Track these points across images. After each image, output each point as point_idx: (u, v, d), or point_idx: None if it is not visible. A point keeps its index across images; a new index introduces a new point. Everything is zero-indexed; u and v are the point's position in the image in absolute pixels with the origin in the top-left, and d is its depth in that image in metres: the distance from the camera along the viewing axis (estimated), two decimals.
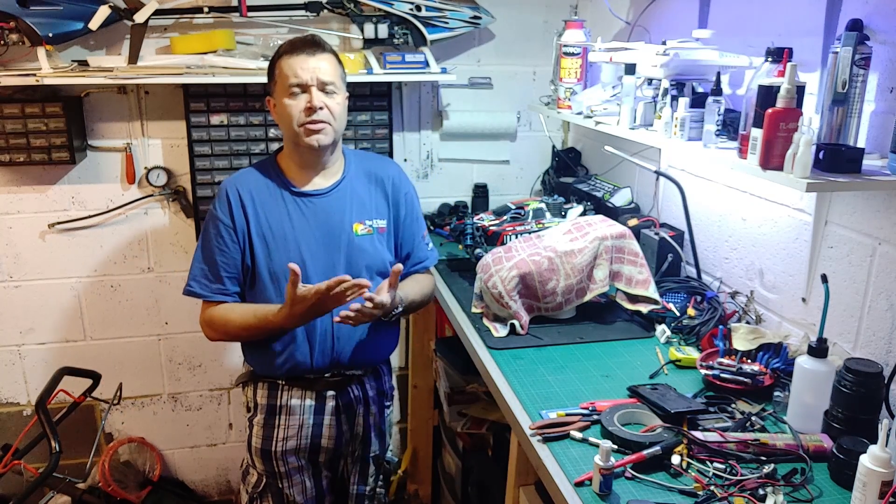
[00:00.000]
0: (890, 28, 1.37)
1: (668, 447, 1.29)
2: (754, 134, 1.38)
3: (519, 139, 2.83)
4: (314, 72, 1.68)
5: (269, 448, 1.81)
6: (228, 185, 1.78)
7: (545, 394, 1.55)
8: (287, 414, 1.81)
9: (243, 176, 1.81)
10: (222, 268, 1.74)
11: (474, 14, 2.49)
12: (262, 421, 1.82)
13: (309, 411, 1.82)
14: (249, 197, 1.76)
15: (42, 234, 2.52)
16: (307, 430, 1.82)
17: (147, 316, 2.68)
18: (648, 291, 1.85)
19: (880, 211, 1.43)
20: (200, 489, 2.93)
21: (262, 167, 1.82)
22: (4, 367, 2.63)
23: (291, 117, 1.69)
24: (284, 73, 1.69)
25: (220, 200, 1.77)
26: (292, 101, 1.69)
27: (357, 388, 1.87)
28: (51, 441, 2.06)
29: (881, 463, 1.08)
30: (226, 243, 1.74)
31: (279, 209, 1.76)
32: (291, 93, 1.69)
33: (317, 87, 1.69)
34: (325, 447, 1.85)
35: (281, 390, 1.81)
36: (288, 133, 1.74)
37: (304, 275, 1.69)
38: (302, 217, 1.77)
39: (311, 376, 1.80)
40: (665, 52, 1.69)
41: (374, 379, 1.92)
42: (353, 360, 1.81)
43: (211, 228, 1.76)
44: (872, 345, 1.46)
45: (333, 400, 1.84)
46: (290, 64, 1.69)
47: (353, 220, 1.79)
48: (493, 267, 1.86)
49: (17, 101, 2.29)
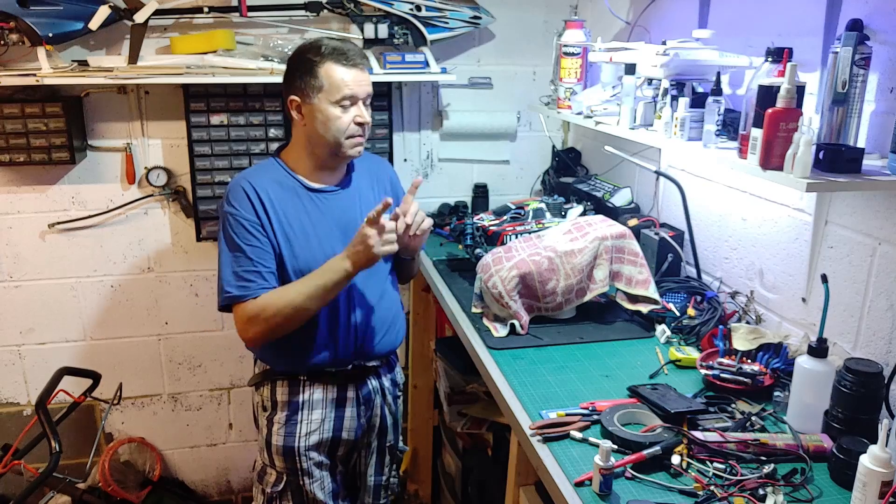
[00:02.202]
0: (890, 28, 1.37)
1: (668, 447, 1.29)
2: (754, 134, 1.38)
3: (519, 139, 2.83)
4: (365, 85, 1.69)
5: (293, 444, 1.80)
6: (243, 182, 1.72)
7: (545, 394, 1.55)
8: (310, 409, 1.81)
9: (255, 174, 1.75)
10: (259, 263, 1.67)
11: (474, 14, 2.49)
12: (283, 419, 1.80)
13: (331, 405, 1.82)
14: (266, 194, 1.71)
15: (42, 234, 2.52)
16: (329, 423, 1.82)
17: (147, 316, 2.68)
18: (648, 291, 1.85)
19: (880, 211, 1.43)
20: (200, 489, 2.93)
21: (270, 166, 1.79)
22: (4, 367, 2.63)
23: (339, 129, 1.68)
24: (336, 82, 1.66)
25: (237, 199, 1.69)
26: (342, 113, 1.67)
27: (375, 379, 1.89)
28: (51, 441, 2.06)
29: (881, 463, 1.08)
30: (257, 239, 1.68)
31: (296, 206, 1.74)
32: (343, 105, 1.67)
33: (364, 100, 1.70)
34: (345, 440, 1.86)
35: (302, 386, 1.81)
36: (327, 140, 1.70)
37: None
38: (319, 213, 1.77)
39: (332, 370, 1.81)
40: (665, 52, 1.69)
41: (388, 370, 1.95)
42: (374, 351, 1.84)
43: (235, 228, 1.68)
44: (872, 345, 1.46)
45: (354, 392, 1.85)
46: (341, 74, 1.66)
47: (366, 213, 1.79)
48: (493, 267, 1.86)
49: (17, 101, 2.29)
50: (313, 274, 1.67)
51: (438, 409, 2.77)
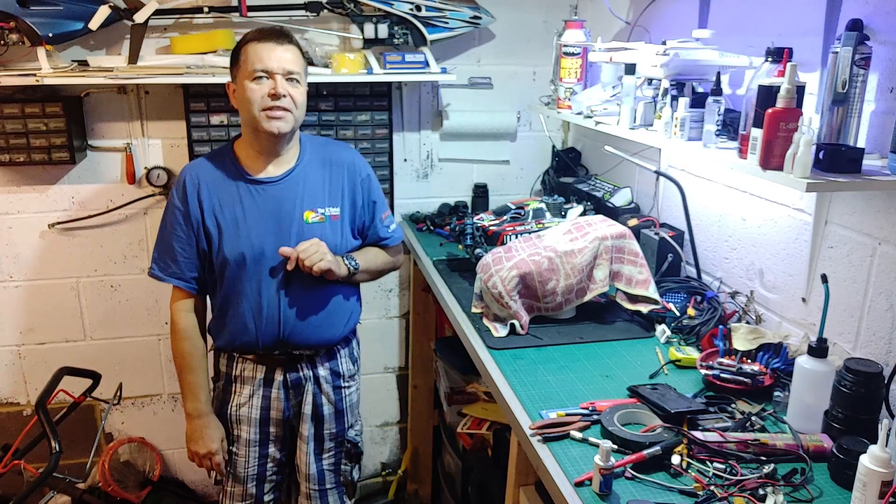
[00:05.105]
0: (890, 28, 1.37)
1: (668, 447, 1.29)
2: (754, 134, 1.38)
3: (519, 139, 2.83)
4: (280, 60, 1.73)
5: (226, 412, 1.95)
6: (186, 171, 1.85)
7: (545, 394, 1.55)
8: (241, 383, 1.93)
9: (201, 163, 1.86)
10: (178, 253, 1.82)
11: (474, 14, 2.49)
12: (220, 387, 1.97)
13: (259, 384, 1.92)
14: (205, 183, 1.82)
15: (42, 234, 2.52)
16: (257, 399, 1.93)
17: (147, 316, 2.68)
18: (648, 291, 1.85)
19: (880, 211, 1.43)
20: (200, 489, 2.93)
21: (219, 154, 1.88)
22: (4, 367, 2.63)
23: (253, 102, 1.72)
24: (251, 58, 1.73)
25: (177, 187, 1.83)
26: (256, 86, 1.72)
27: (307, 366, 1.94)
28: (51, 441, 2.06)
29: (881, 463, 1.08)
30: (182, 228, 1.82)
31: (232, 196, 1.82)
32: (256, 77, 1.72)
33: (282, 75, 1.72)
34: (274, 418, 1.95)
35: (236, 362, 1.94)
36: (247, 117, 1.77)
37: (256, 260, 1.80)
38: (254, 204, 1.82)
39: (260, 352, 1.89)
40: (665, 52, 1.69)
41: (328, 359, 1.97)
42: (300, 341, 1.88)
43: (168, 214, 1.83)
44: (872, 345, 1.46)
45: (282, 375, 1.92)
46: (256, 50, 1.73)
47: (305, 208, 1.84)
48: (493, 267, 1.86)
49: (17, 101, 2.29)
50: (194, 378, 1.88)
51: (438, 409, 2.77)
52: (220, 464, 1.91)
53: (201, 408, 1.88)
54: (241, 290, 1.82)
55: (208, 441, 1.88)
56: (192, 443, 1.90)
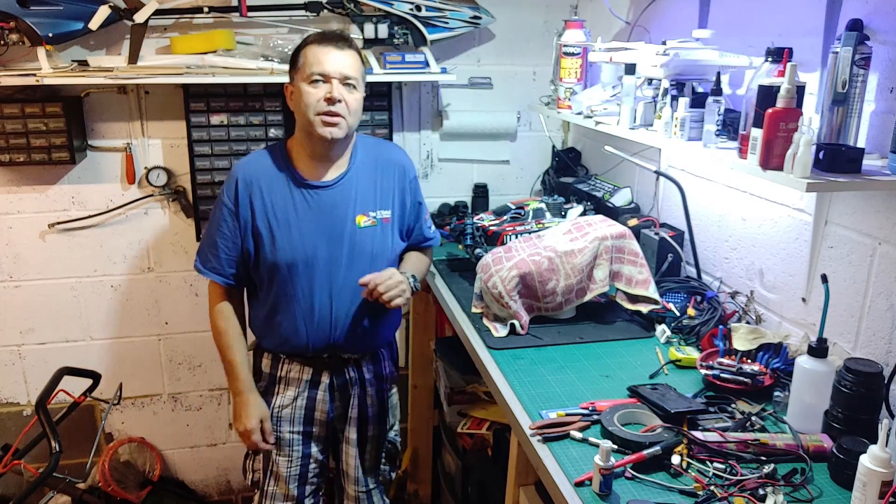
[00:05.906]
0: (890, 28, 1.37)
1: (668, 447, 1.29)
2: (754, 134, 1.38)
3: (519, 139, 2.83)
4: (339, 65, 1.72)
5: (268, 411, 1.92)
6: (239, 169, 1.83)
7: (545, 394, 1.55)
8: (286, 385, 1.92)
9: (254, 161, 1.85)
10: (221, 249, 1.82)
11: (474, 14, 2.49)
12: (262, 387, 1.93)
13: (305, 385, 1.92)
14: (257, 184, 1.80)
15: (42, 234, 2.52)
16: (302, 400, 1.92)
17: (147, 316, 2.68)
18: (648, 291, 1.85)
19: (880, 211, 1.43)
20: (200, 489, 2.93)
21: (273, 153, 1.86)
22: (4, 367, 2.63)
23: (308, 105, 1.72)
24: (310, 60, 1.72)
25: (228, 184, 1.82)
26: (312, 89, 1.72)
27: (353, 370, 1.94)
28: (51, 441, 2.06)
29: (881, 463, 1.08)
30: (227, 225, 1.81)
31: (285, 199, 1.80)
32: (313, 81, 1.71)
33: (339, 80, 1.72)
34: (318, 419, 1.94)
35: (282, 363, 1.92)
36: (302, 121, 1.76)
37: (308, 265, 1.79)
38: (307, 208, 1.81)
39: (309, 355, 1.89)
40: (665, 52, 1.69)
41: (373, 363, 1.98)
42: (348, 346, 1.88)
43: (217, 209, 1.83)
44: (872, 345, 1.46)
45: (328, 377, 1.92)
46: (315, 53, 1.72)
47: (357, 212, 1.83)
48: (493, 267, 1.86)
49: (17, 101, 2.29)
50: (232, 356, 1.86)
51: (438, 409, 2.77)
52: (258, 442, 1.86)
53: (239, 386, 1.86)
54: (293, 293, 1.81)
55: (244, 419, 1.85)
56: (234, 420, 1.88)
